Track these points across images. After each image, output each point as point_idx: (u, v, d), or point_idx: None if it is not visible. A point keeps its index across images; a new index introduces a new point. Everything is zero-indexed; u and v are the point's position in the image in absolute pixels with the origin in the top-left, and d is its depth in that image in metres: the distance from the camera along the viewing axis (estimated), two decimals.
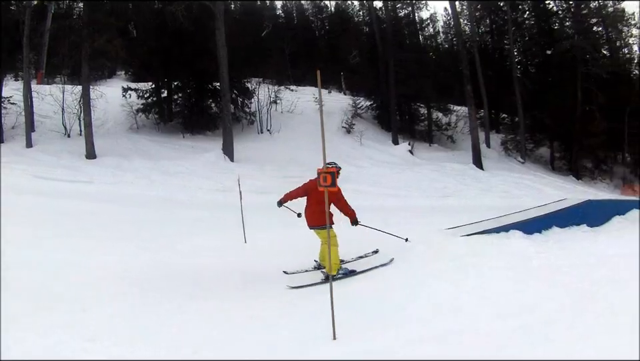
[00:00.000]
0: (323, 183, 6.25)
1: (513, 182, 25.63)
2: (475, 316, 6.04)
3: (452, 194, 21.85)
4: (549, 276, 7.61)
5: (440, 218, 13.86)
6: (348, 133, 28.61)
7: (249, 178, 19.06)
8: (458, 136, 32.33)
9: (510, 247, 9.22)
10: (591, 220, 12.11)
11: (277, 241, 11.17)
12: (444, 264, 8.15)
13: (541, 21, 37.69)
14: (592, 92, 32.97)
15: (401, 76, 29.87)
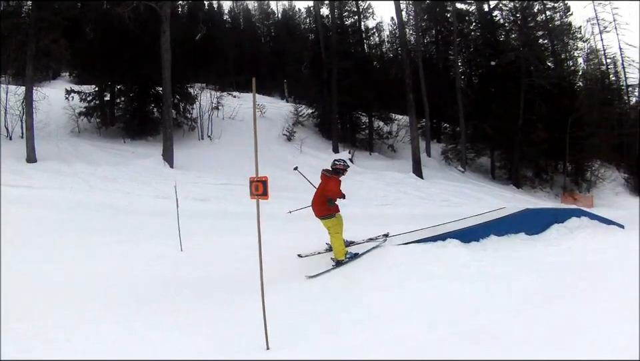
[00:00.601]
0: (254, 192, 6.49)
1: (453, 191, 26.21)
2: (411, 324, 6.27)
3: (391, 203, 22.25)
4: (486, 283, 7.93)
5: (379, 226, 13.91)
6: (289, 141, 28.77)
7: (188, 185, 19.12)
8: (399, 145, 32.87)
9: (447, 255, 9.42)
10: (529, 228, 12.42)
11: (214, 249, 11.28)
12: (380, 273, 8.41)
13: (486, 33, 38.67)
14: (535, 103, 33.99)
15: (344, 84, 30.24)
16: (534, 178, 36.59)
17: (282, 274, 8.89)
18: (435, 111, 36.09)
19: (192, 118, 27.95)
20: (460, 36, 37.44)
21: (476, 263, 9.09)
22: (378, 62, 39.86)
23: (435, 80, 36.42)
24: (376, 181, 25.02)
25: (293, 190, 20.68)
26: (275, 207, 17.28)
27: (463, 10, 38.77)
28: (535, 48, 37.08)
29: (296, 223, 14.65)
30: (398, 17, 31.68)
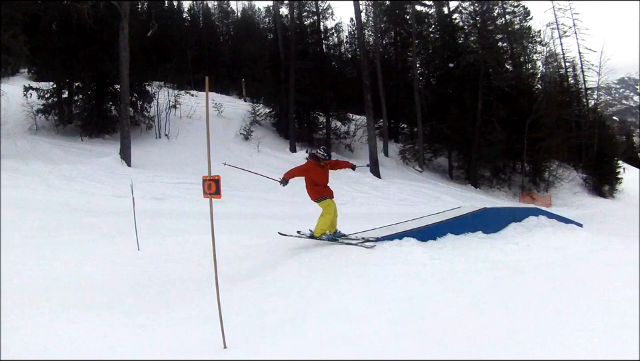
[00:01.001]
0: (207, 191, 6.27)
1: (410, 190, 26.56)
2: (369, 323, 6.22)
3: (348, 202, 22.19)
4: (443, 282, 7.97)
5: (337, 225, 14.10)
6: (246, 140, 28.79)
7: (145, 183, 18.99)
8: (356, 145, 33.24)
9: (404, 254, 9.39)
10: (486, 227, 12.51)
11: (171, 248, 11.08)
12: (339, 271, 8.32)
13: (445, 35, 39.33)
14: (493, 104, 34.72)
15: (302, 84, 30.49)
16: (492, 177, 37.36)
17: (239, 272, 8.86)
18: (392, 111, 36.81)
19: (149, 116, 27.68)
20: (419, 38, 38.16)
21: (433, 261, 9.10)
22: (336, 62, 40.17)
23: (393, 81, 37.31)
24: (333, 180, 24.92)
25: (251, 190, 20.82)
26: (231, 206, 17.43)
27: (422, 13, 39.60)
28: (493, 51, 37.91)
29: (252, 221, 14.74)
30: (357, 18, 31.97)
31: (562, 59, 55.57)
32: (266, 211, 17.90)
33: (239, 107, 33.58)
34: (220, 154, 24.92)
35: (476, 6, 38.91)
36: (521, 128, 36.05)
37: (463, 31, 40.39)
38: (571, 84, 55.88)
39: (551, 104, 41.20)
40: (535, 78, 46.20)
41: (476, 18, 38.89)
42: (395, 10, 39.45)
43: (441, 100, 35.16)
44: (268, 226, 13.63)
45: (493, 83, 34.95)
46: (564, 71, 55.46)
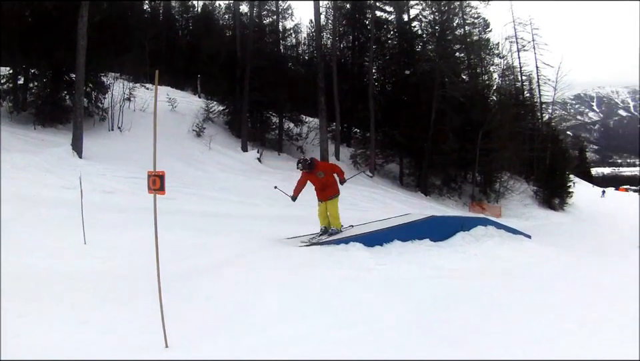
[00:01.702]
0: (152, 186, 6.25)
1: (361, 195, 26.61)
2: (313, 325, 6.33)
3: (298, 204, 22.28)
4: (388, 287, 8.17)
5: (285, 226, 14.14)
6: (198, 137, 28.69)
7: (96, 176, 18.62)
8: (308, 147, 33.37)
9: (350, 258, 9.57)
10: (434, 234, 12.62)
11: (118, 243, 10.76)
12: (283, 273, 8.39)
13: (403, 42, 39.81)
14: (447, 114, 35.20)
15: (257, 83, 30.53)
16: (442, 186, 37.95)
17: (185, 270, 8.71)
18: (346, 115, 37.22)
19: (103, 108, 27.38)
20: (377, 44, 38.57)
21: (379, 267, 9.28)
22: (293, 63, 40.31)
23: (349, 85, 37.54)
24: (283, 181, 24.96)
25: (200, 187, 20.87)
26: (181, 203, 17.45)
27: (382, 19, 39.96)
28: (450, 60, 38.56)
29: (202, 219, 14.83)
30: (316, 19, 32.23)
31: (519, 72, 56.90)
32: (216, 210, 17.86)
33: (193, 103, 33.37)
34: (172, 149, 24.92)
35: (436, 15, 39.55)
36: (474, 139, 36.64)
37: (422, 39, 41.04)
38: (527, 98, 57.23)
39: (505, 116, 42.03)
40: (490, 90, 46.98)
41: (435, 27, 39.54)
42: (355, 14, 39.85)
43: (395, 107, 35.59)
44: (216, 225, 13.65)
45: (448, 92, 35.53)
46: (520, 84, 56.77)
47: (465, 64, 44.37)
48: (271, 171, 26.84)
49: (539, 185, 48.31)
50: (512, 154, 42.49)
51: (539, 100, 58.49)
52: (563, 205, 49.56)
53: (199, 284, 8.04)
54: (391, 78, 40.32)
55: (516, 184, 45.17)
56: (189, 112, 30.97)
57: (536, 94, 58.56)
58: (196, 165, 24.49)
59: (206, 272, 8.67)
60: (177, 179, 20.67)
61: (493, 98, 46.92)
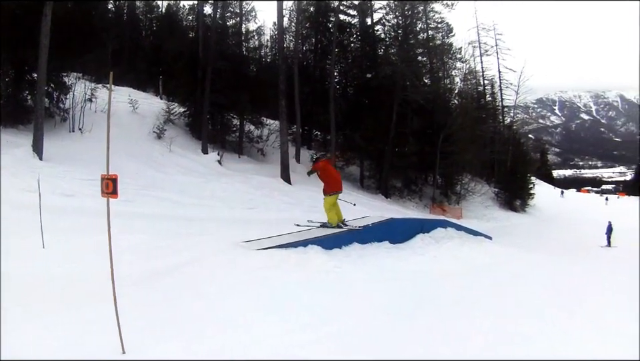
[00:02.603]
0: (104, 190, 6.05)
1: (320, 198, 26.31)
2: (268, 328, 6.27)
3: (257, 207, 22.32)
4: (346, 290, 8.14)
5: (243, 230, 14.04)
6: (159, 138, 28.37)
7: (56, 178, 18.28)
8: (269, 150, 33.36)
9: (307, 261, 9.51)
10: (393, 237, 12.82)
11: (77, 247, 10.63)
12: (238, 278, 8.28)
13: (366, 46, 39.93)
14: (407, 117, 35.37)
15: (218, 85, 30.37)
16: (403, 188, 38.25)
17: (142, 274, 8.58)
18: (307, 118, 37.27)
19: (64, 108, 26.91)
20: (339, 47, 38.73)
21: (337, 270, 9.28)
22: (255, 65, 40.08)
23: (310, 87, 37.59)
24: (243, 184, 25.06)
25: (160, 190, 20.67)
26: (139, 205, 17.27)
27: (345, 22, 40.11)
28: (412, 64, 38.78)
29: (160, 223, 14.69)
30: (279, 22, 32.17)
31: (481, 77, 57.44)
32: (175, 212, 17.76)
33: (155, 105, 32.97)
34: (132, 151, 24.67)
35: (399, 19, 39.82)
36: (435, 141, 37.02)
37: (384, 43, 41.26)
38: (488, 102, 57.79)
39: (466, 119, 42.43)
40: (452, 94, 47.45)
41: (398, 32, 39.91)
42: (318, 17, 39.92)
43: (356, 110, 35.90)
44: (176, 228, 13.56)
45: (409, 96, 35.76)
46: (482, 88, 57.32)
47: (427, 68, 44.73)
48: (230, 173, 26.72)
49: (500, 187, 48.93)
50: (473, 157, 42.90)
51: (500, 104, 59.14)
52: (524, 206, 50.36)
53: (156, 288, 7.98)
54: (352, 82, 40.63)
55: (477, 186, 45.74)
56: (150, 113, 30.60)
57: (498, 98, 59.25)
58: (156, 167, 24.24)
59: (164, 276, 8.58)
60: (136, 181, 20.53)
61: (455, 101, 47.42)
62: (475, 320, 7.00)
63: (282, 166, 28.60)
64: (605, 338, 6.45)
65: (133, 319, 5.99)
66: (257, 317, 6.61)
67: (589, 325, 7.05)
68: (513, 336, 6.43)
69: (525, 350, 5.93)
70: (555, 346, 6.11)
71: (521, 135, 66.17)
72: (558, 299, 8.55)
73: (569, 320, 7.23)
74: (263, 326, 6.34)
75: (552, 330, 6.74)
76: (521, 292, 8.87)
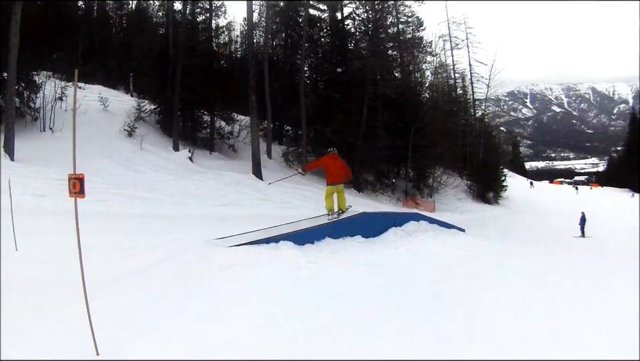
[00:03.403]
0: (72, 190, 6.11)
1: (293, 193, 26.71)
2: (240, 327, 6.23)
3: (230, 203, 22.25)
4: (320, 285, 8.08)
5: (216, 227, 13.82)
6: (130, 136, 28.24)
7: (28, 179, 18.10)
8: (240, 146, 33.29)
9: (280, 257, 9.46)
10: (366, 231, 12.75)
11: (50, 248, 10.29)
12: (211, 275, 8.20)
13: (336, 40, 39.99)
14: (378, 110, 35.61)
15: (188, 81, 30.21)
16: (375, 182, 38.35)
17: (115, 275, 8.38)
18: (278, 113, 37.20)
19: (35, 108, 26.64)
20: (309, 42, 38.69)
21: (310, 265, 9.20)
22: (225, 61, 39.95)
23: (281, 83, 37.62)
24: (215, 181, 25.07)
25: (132, 188, 20.57)
26: (111, 204, 17.16)
27: (315, 17, 40.17)
28: (383, 58, 38.97)
29: (132, 222, 14.60)
30: (248, 17, 32.01)
31: (452, 70, 57.85)
32: (147, 211, 17.66)
33: (125, 102, 32.76)
34: (104, 150, 24.59)
35: (370, 14, 39.86)
36: (406, 135, 37.21)
37: (354, 37, 41.30)
38: (459, 95, 58.19)
39: (438, 112, 42.71)
40: (422, 87, 47.70)
41: (368, 26, 39.88)
42: (288, 12, 39.82)
43: (327, 104, 35.91)
44: (148, 227, 13.49)
45: (380, 90, 35.90)
46: (453, 82, 57.74)
47: (398, 62, 44.92)
48: (202, 170, 26.71)
49: (472, 179, 49.24)
50: (444, 150, 43.21)
51: (471, 97, 59.59)
52: (497, 198, 50.70)
53: (129, 288, 7.93)
54: (323, 76, 40.68)
55: (449, 179, 46.06)
56: (120, 111, 30.45)
57: (469, 91, 59.68)
58: (127, 165, 24.15)
59: (136, 275, 8.53)
60: (108, 180, 20.48)
61: (426, 95, 47.69)
62: (452, 312, 7.05)
63: (253, 162, 28.61)
64: (582, 329, 6.51)
65: (106, 320, 5.97)
66: (231, 315, 6.59)
67: (566, 314, 7.14)
68: (492, 327, 6.51)
69: (503, 342, 5.99)
70: (531, 338, 6.18)
71: (493, 128, 66.64)
72: (533, 290, 8.66)
73: (546, 310, 7.31)
74: (238, 323, 6.33)
75: (528, 321, 6.77)
76: (496, 284, 8.91)
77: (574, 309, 7.44)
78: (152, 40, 37.55)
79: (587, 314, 7.19)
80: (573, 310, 7.40)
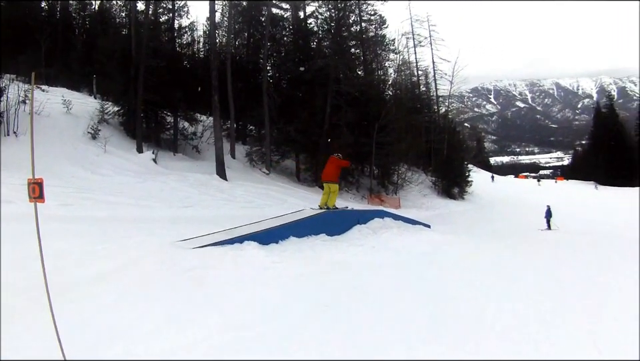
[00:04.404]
0: (31, 195, 5.88)
1: (257, 193, 26.74)
2: (208, 329, 6.20)
3: (194, 205, 22.07)
4: (285, 285, 8.13)
5: (180, 229, 13.74)
6: (93, 139, 27.89)
7: None
8: (203, 147, 33.19)
9: (244, 258, 9.44)
10: (330, 229, 13.00)
11: (13, 255, 10.20)
12: (175, 278, 8.14)
13: (299, 39, 40.14)
14: (342, 109, 35.86)
15: (151, 82, 30.03)
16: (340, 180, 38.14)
17: (78, 280, 8.18)
18: (241, 113, 37.38)
19: None
20: (272, 41, 38.93)
21: (274, 265, 9.25)
22: (188, 61, 39.81)
23: (243, 82, 37.59)
24: (179, 182, 24.92)
25: (96, 191, 20.39)
26: (75, 209, 16.99)
27: (277, 15, 40.29)
28: (346, 56, 39.24)
29: (96, 226, 14.51)
30: (211, 17, 32.03)
31: (415, 67, 58.33)
32: (111, 214, 17.40)
33: (89, 105, 32.40)
34: (68, 153, 24.35)
35: (332, 12, 40.03)
36: (370, 133, 37.46)
37: (317, 36, 41.53)
38: (423, 92, 58.71)
39: (401, 109, 42.96)
40: (385, 85, 47.95)
41: (331, 24, 40.11)
42: (250, 12, 39.90)
43: (290, 103, 36.01)
44: (112, 230, 13.35)
45: (343, 88, 36.19)
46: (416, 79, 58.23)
47: (360, 60, 45.11)
48: (166, 172, 26.53)
49: (437, 175, 49.67)
50: (408, 147, 43.48)
51: (435, 94, 60.17)
52: (463, 194, 51.29)
53: (93, 292, 7.74)
54: (285, 75, 40.59)
55: (414, 176, 46.41)
56: (84, 113, 30.04)
57: (432, 88, 60.28)
58: (92, 168, 23.94)
59: (100, 280, 8.29)
60: (72, 184, 20.31)
61: (389, 92, 47.94)
62: (418, 307, 7.22)
63: (217, 163, 28.58)
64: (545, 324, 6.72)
65: (70, 326, 5.82)
66: (197, 317, 6.56)
67: (532, 307, 7.40)
68: (457, 320, 6.67)
69: (469, 336, 6.14)
70: (498, 331, 6.38)
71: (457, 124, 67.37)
72: (500, 283, 8.92)
73: (511, 302, 7.56)
74: (203, 325, 6.30)
75: (496, 314, 7.00)
76: (462, 278, 9.19)
77: (541, 303, 7.72)
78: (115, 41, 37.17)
79: (560, 306, 7.52)
80: (540, 303, 7.68)
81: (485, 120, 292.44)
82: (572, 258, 14.19)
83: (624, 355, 5.83)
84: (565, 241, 22.14)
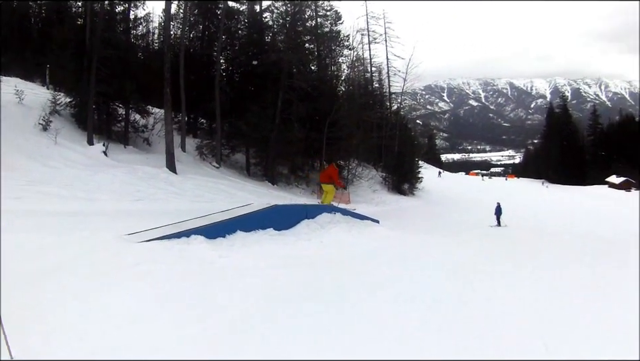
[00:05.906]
0: None
1: (207, 187, 26.71)
2: (156, 325, 6.09)
3: (143, 198, 21.82)
4: (232, 280, 8.04)
5: (129, 222, 13.23)
6: (45, 130, 27.47)
7: None
8: (154, 139, 32.98)
9: (191, 252, 9.35)
10: (278, 223, 12.87)
11: None
12: (120, 272, 7.89)
13: (253, 32, 40.29)
14: (293, 103, 36.10)
15: (104, 73, 29.73)
16: (290, 175, 38.71)
17: (27, 276, 7.75)
18: (193, 106, 37.23)
19: None
20: (226, 34, 38.98)
21: (222, 259, 9.14)
22: (143, 53, 39.58)
23: (196, 75, 37.45)
24: (128, 175, 24.59)
25: (47, 184, 20.09)
26: (26, 202, 16.78)
27: (233, 9, 40.19)
28: (299, 51, 39.44)
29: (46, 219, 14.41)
30: (166, 8, 31.79)
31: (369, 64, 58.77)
32: (61, 207, 17.09)
33: (42, 95, 31.88)
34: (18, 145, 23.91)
35: (288, 7, 40.20)
36: (321, 128, 37.82)
37: (272, 30, 41.81)
38: (376, 88, 59.19)
39: (353, 105, 43.37)
40: (339, 80, 48.25)
41: (286, 19, 40.29)
42: (207, 4, 39.72)
43: (242, 97, 36.12)
44: (61, 224, 13.16)
45: (295, 82, 36.40)
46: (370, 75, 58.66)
47: (314, 55, 45.41)
48: (116, 165, 26.24)
49: (387, 171, 50.15)
50: (359, 142, 43.91)
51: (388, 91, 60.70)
52: (413, 189, 51.95)
53: (40, 288, 7.36)
54: (239, 69, 40.74)
55: (365, 171, 46.85)
56: (36, 104, 29.45)
57: (385, 85, 60.77)
58: (43, 161, 23.59)
59: (47, 275, 7.90)
60: (23, 176, 20.03)
61: (342, 88, 48.28)
62: (363, 305, 7.24)
63: (167, 156, 28.40)
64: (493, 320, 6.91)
65: (20, 325, 5.69)
66: (144, 313, 6.43)
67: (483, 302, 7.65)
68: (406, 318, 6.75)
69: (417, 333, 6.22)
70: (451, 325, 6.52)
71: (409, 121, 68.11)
72: (447, 278, 9.18)
73: (460, 298, 7.80)
74: (151, 321, 6.19)
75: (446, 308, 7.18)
76: (409, 274, 9.33)
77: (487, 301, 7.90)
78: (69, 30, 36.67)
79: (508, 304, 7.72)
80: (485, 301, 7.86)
81: (437, 118, 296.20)
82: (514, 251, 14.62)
83: None
84: (510, 236, 23.03)
